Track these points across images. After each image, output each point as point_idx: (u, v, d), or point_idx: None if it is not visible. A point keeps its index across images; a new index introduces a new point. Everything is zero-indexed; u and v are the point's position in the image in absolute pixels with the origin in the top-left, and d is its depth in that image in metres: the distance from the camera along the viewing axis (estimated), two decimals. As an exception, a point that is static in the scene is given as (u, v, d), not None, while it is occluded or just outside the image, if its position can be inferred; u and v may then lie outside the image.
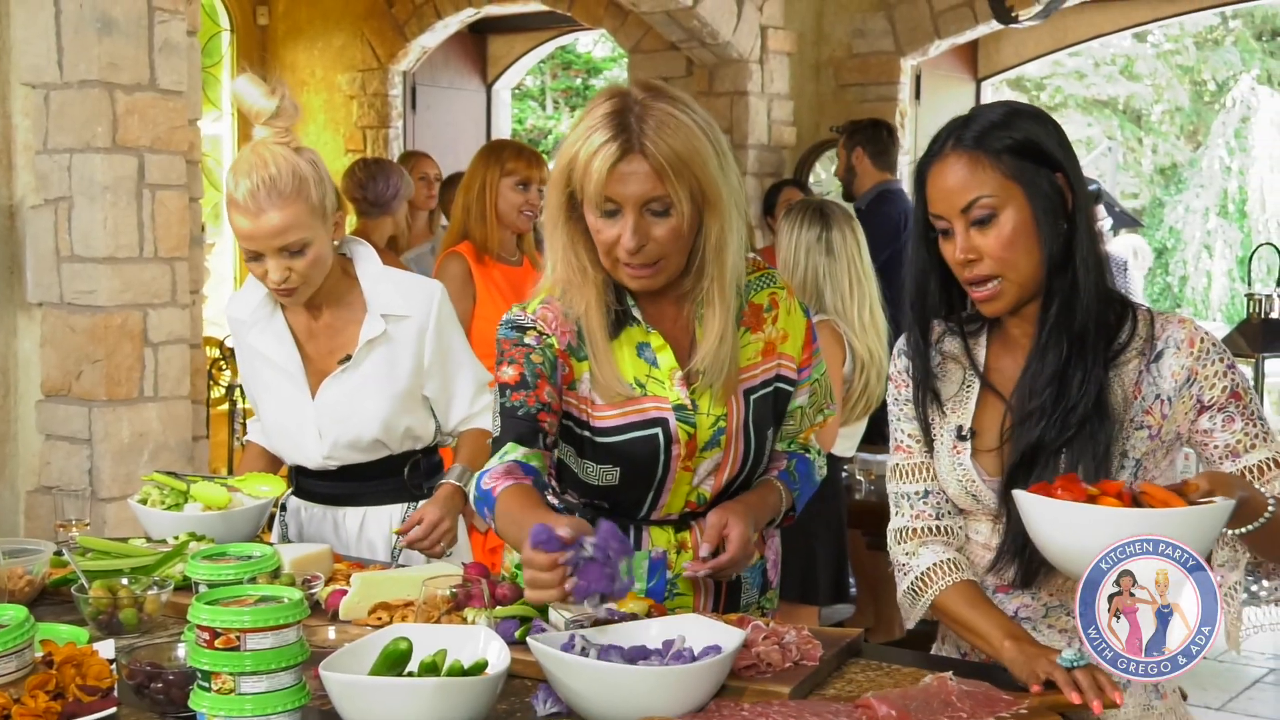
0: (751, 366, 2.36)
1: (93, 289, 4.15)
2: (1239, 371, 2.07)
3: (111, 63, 4.12)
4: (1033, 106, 2.14)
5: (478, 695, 1.71)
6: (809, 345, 2.43)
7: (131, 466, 4.17)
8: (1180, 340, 2.05)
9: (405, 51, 8.90)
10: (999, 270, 2.03)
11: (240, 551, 2.29)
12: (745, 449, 2.35)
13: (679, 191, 2.17)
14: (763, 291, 2.39)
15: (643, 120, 2.16)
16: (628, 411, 2.31)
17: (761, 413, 2.37)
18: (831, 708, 1.76)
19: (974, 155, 2.02)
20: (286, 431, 2.89)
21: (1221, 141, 18.92)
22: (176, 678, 1.82)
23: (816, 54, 7.74)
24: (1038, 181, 2.01)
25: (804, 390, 2.44)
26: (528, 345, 2.31)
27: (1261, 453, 2.04)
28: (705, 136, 2.20)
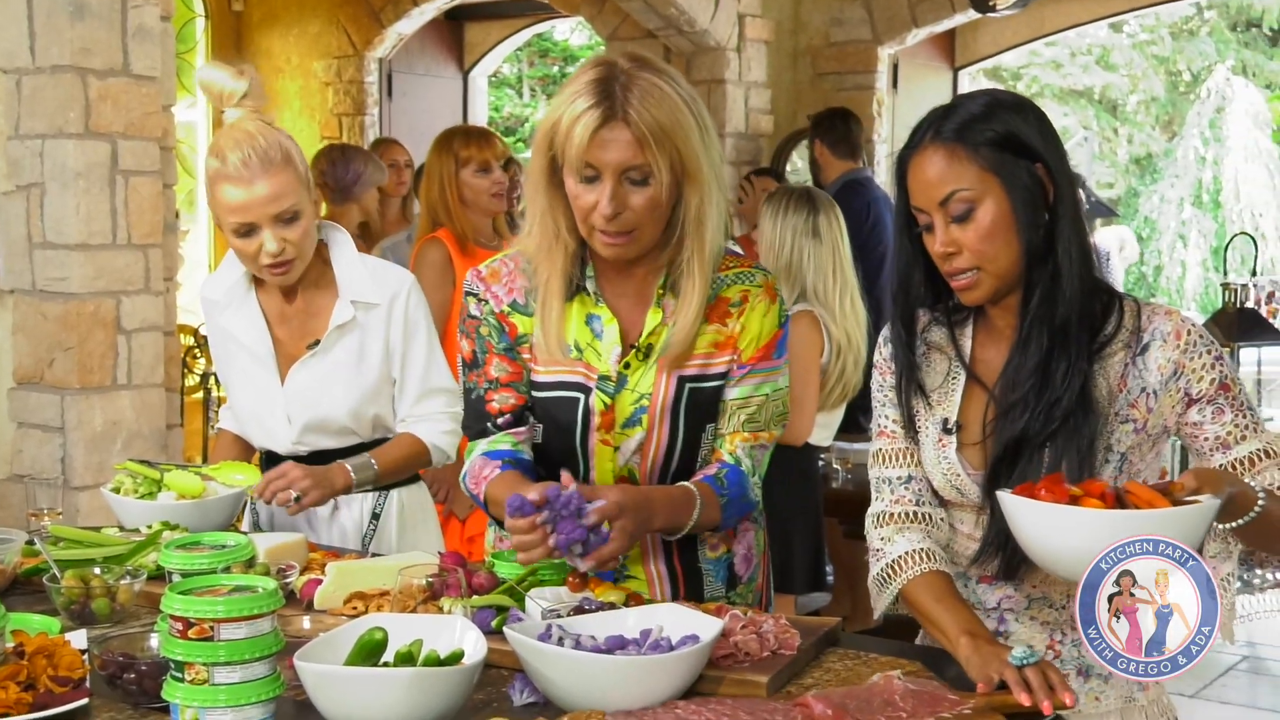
0: (698, 356, 2.33)
1: (65, 276, 4.12)
2: (1227, 362, 2.06)
3: (84, 48, 4.08)
4: (1015, 96, 2.11)
5: (454, 685, 1.70)
6: (766, 348, 2.35)
7: (104, 455, 4.14)
8: (1167, 332, 2.03)
9: (381, 38, 8.86)
10: (977, 262, 2.02)
11: (214, 541, 2.27)
12: (672, 434, 2.33)
13: (659, 161, 2.17)
14: (736, 287, 2.35)
15: (627, 89, 2.16)
16: (558, 371, 2.34)
17: (700, 403, 2.34)
18: (769, 706, 1.75)
19: (951, 148, 2.01)
20: (256, 415, 2.88)
21: (1196, 132, 19.00)
22: (149, 668, 1.81)
23: (794, 42, 7.74)
24: (1016, 173, 2.00)
25: (737, 386, 2.34)
26: (475, 317, 2.39)
27: (1252, 444, 2.02)
28: (689, 109, 2.20)
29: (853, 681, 1.89)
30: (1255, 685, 5.53)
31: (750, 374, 2.35)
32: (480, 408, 2.38)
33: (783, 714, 1.72)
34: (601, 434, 2.32)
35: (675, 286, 2.30)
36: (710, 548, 2.41)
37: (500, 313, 2.37)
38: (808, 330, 4.06)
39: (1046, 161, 2.02)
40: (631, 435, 2.33)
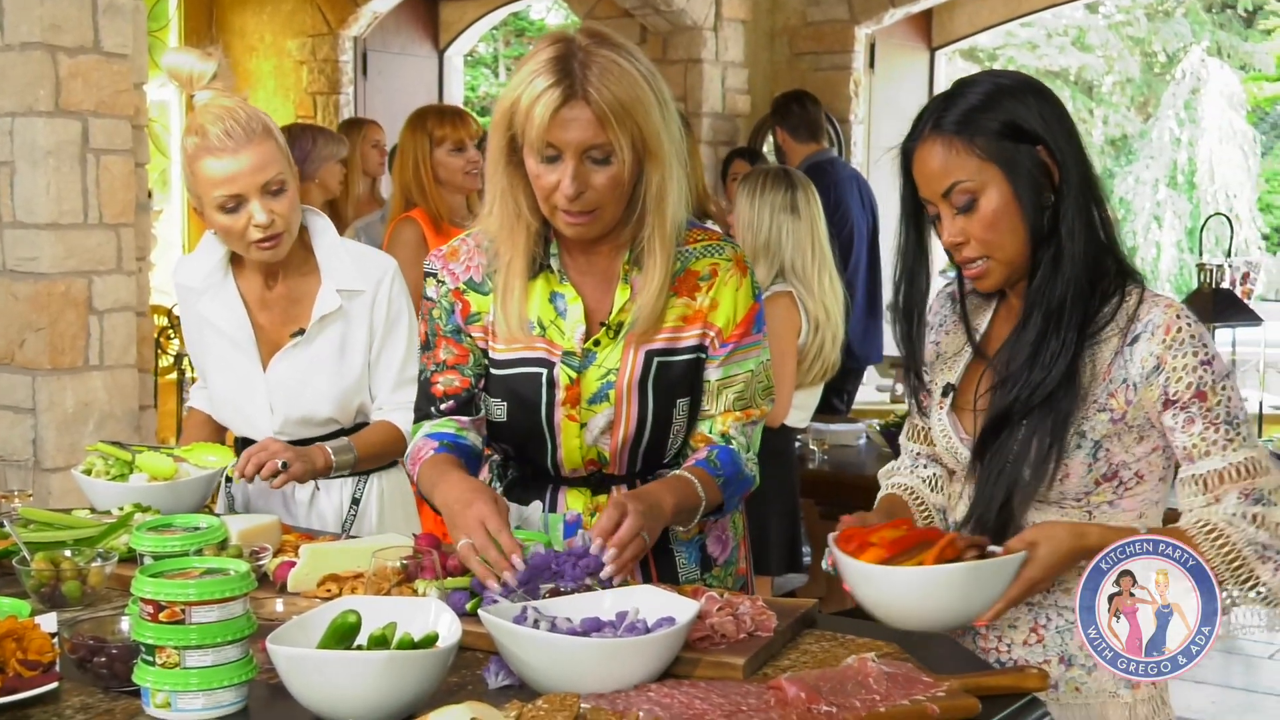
0: (665, 329, 2.31)
1: (35, 256, 4.08)
2: (1214, 367, 1.98)
3: (54, 24, 4.04)
4: (1018, 78, 2.09)
5: (428, 668, 1.69)
6: (744, 325, 2.34)
7: (76, 436, 4.11)
8: (1157, 325, 1.99)
9: (356, 17, 8.80)
10: (984, 251, 2.04)
11: (186, 523, 2.25)
12: (641, 410, 2.32)
13: (620, 140, 2.15)
14: (705, 260, 2.33)
15: (586, 67, 2.14)
16: (518, 348, 2.33)
17: (669, 378, 2.32)
18: (742, 689, 1.74)
19: (949, 139, 2.02)
20: (236, 404, 2.85)
21: (1171, 113, 19.05)
22: (120, 652, 1.79)
23: (771, 22, 7.72)
24: (1018, 160, 2.00)
25: (718, 365, 2.34)
26: (430, 299, 2.39)
27: (1216, 461, 1.96)
28: (648, 85, 2.18)
29: (829, 663, 1.88)
30: (1229, 665, 5.57)
31: (734, 351, 2.34)
32: (427, 390, 2.39)
33: (756, 696, 1.71)
34: (567, 409, 2.31)
35: (640, 262, 2.29)
36: (682, 529, 2.38)
37: (455, 289, 2.36)
38: (785, 310, 4.06)
39: (1048, 143, 2.01)
40: (599, 411, 2.31)
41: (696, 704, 1.67)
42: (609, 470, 2.36)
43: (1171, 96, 19.20)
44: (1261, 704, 5.12)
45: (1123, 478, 2.04)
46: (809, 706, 1.67)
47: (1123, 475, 2.04)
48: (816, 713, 1.67)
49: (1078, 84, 20.16)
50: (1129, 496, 2.06)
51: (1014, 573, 1.89)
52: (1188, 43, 19.35)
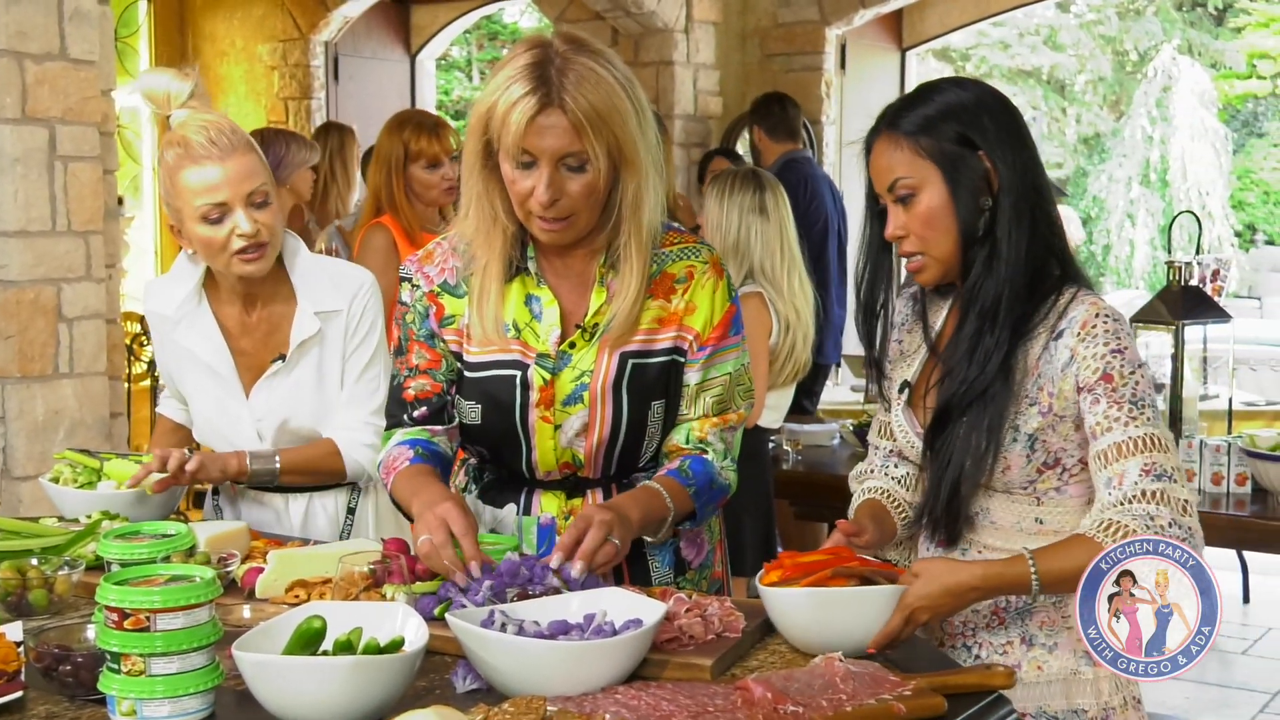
0: (640, 332, 2.31)
1: (4, 264, 4.06)
2: (1124, 355, 2.05)
3: (20, 31, 4.02)
4: (979, 89, 2.17)
5: (394, 673, 1.68)
6: (722, 327, 2.34)
7: (46, 444, 4.09)
8: (1077, 320, 2.07)
9: (327, 21, 8.77)
10: (920, 247, 2.14)
11: (154, 530, 2.24)
12: (615, 412, 2.31)
13: (596, 148, 2.15)
14: (681, 263, 2.34)
15: (563, 74, 2.14)
16: (493, 350, 2.32)
17: (643, 380, 2.32)
18: (709, 690, 1.74)
19: (896, 137, 2.13)
20: (218, 430, 2.81)
21: (1143, 111, 19.12)
22: (86, 659, 1.79)
23: (742, 24, 7.73)
24: (958, 163, 2.10)
25: (697, 369, 2.34)
26: (405, 304, 2.39)
27: (1115, 435, 2.02)
28: (625, 93, 2.18)
29: (797, 664, 1.89)
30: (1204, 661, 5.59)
31: (713, 354, 2.34)
32: (399, 395, 2.38)
33: (723, 697, 1.72)
34: (541, 410, 2.30)
35: (616, 266, 2.30)
36: (650, 538, 2.37)
37: (430, 292, 2.36)
38: (756, 311, 4.07)
39: (990, 152, 2.10)
40: (573, 413, 2.31)
41: (663, 705, 1.68)
42: (584, 473, 2.36)
43: (1143, 95, 19.28)
44: (1235, 699, 5.15)
45: (1065, 464, 2.12)
46: (775, 707, 1.68)
47: (1065, 462, 2.12)
48: (783, 713, 1.67)
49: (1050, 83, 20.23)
50: (1074, 483, 2.13)
51: (891, 603, 1.93)
52: (1159, 41, 19.44)
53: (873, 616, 1.92)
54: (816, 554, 2.04)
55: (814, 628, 1.94)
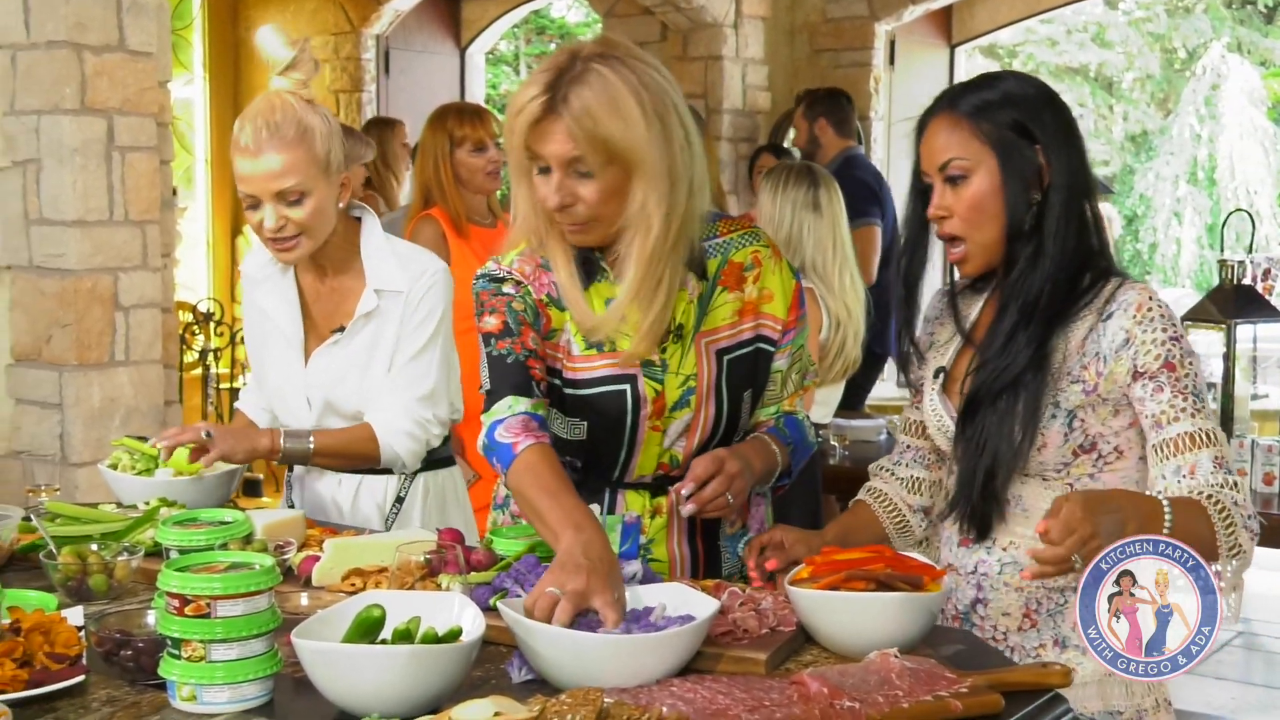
0: (725, 326, 2.31)
1: (62, 252, 4.09)
2: (1182, 344, 2.06)
3: (79, 23, 4.05)
4: (1036, 85, 2.17)
5: (452, 663, 1.68)
6: (795, 308, 2.37)
7: (103, 431, 4.12)
8: (1130, 303, 2.07)
9: (378, 15, 8.80)
10: (963, 232, 2.13)
11: (212, 517, 2.26)
12: (717, 410, 2.31)
13: (594, 155, 2.11)
14: (745, 250, 2.33)
15: (576, 80, 2.11)
16: (598, 365, 2.28)
17: (738, 374, 2.32)
18: (764, 684, 1.73)
19: (957, 118, 2.13)
20: (281, 392, 2.85)
21: (1191, 109, 18.94)
22: (146, 645, 1.79)
23: (791, 19, 7.69)
24: (1013, 152, 2.09)
25: (785, 354, 2.38)
26: (507, 294, 2.28)
27: (1184, 425, 2.02)
28: (635, 99, 2.12)
29: (850, 659, 1.88)
30: (1249, 661, 5.54)
31: (795, 337, 2.39)
32: (524, 372, 2.23)
33: (779, 692, 1.71)
34: (652, 420, 2.28)
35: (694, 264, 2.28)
36: (729, 524, 2.39)
37: (540, 300, 2.29)
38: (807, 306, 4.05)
39: (1046, 147, 2.10)
40: (679, 417, 2.30)
41: (720, 699, 1.67)
42: (677, 473, 2.33)
43: (1192, 93, 19.09)
44: (1282, 700, 5.10)
45: (1101, 450, 2.11)
46: (832, 702, 1.66)
47: (1101, 448, 2.10)
48: (840, 708, 1.66)
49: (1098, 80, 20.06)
50: (1108, 471, 2.11)
51: (897, 611, 1.90)
52: (1208, 39, 19.24)
53: (879, 623, 1.89)
54: (853, 552, 2.04)
55: (824, 629, 1.95)
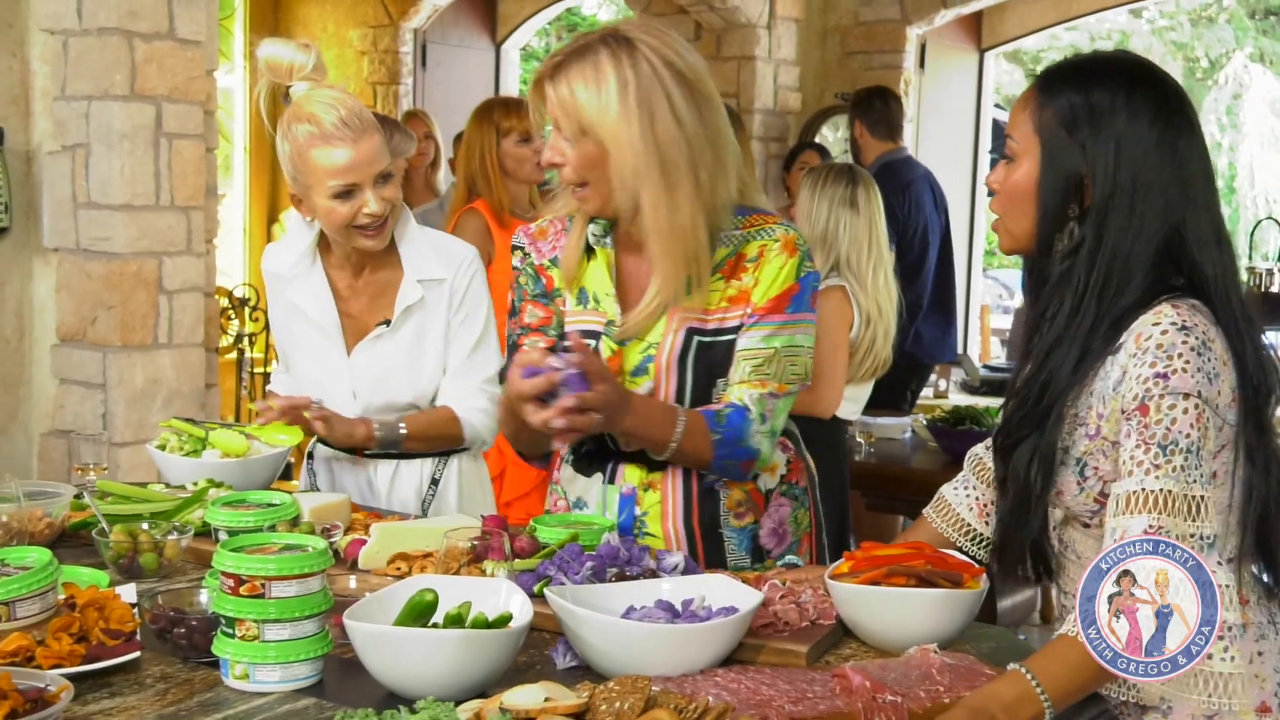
0: (710, 310, 2.30)
1: (108, 236, 4.11)
2: (1169, 381, 1.75)
3: (131, 11, 4.06)
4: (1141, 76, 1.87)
5: (501, 648, 1.68)
6: (778, 300, 2.28)
7: (145, 412, 4.14)
8: (1134, 332, 1.80)
9: (417, 9, 8.80)
10: (1000, 211, 1.94)
11: (260, 499, 2.26)
12: (680, 386, 2.31)
13: (567, 124, 2.22)
14: (755, 243, 2.31)
15: (575, 54, 2.21)
16: (578, 320, 2.37)
17: (707, 357, 2.31)
18: (807, 676, 1.72)
19: (1031, 95, 1.89)
20: (321, 386, 2.83)
21: (1213, 118, 18.82)
22: (200, 623, 1.80)
23: (823, 21, 7.67)
24: (1059, 153, 1.84)
25: (744, 335, 2.29)
26: (517, 268, 2.46)
27: (1133, 482, 1.75)
28: (617, 84, 2.18)
29: (890, 654, 1.87)
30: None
31: (758, 324, 2.29)
32: (514, 354, 2.33)
33: (821, 684, 1.70)
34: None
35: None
36: (735, 516, 2.38)
37: (540, 265, 2.41)
38: (838, 304, 4.05)
39: (1094, 161, 1.83)
40: (639, 384, 2.31)
41: (763, 689, 1.66)
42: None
43: (1214, 101, 18.97)
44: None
45: None
46: (874, 695, 1.66)
47: None
48: (882, 702, 1.65)
49: (1120, 87, 19.95)
50: None
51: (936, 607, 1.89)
52: (1231, 48, 19.12)
53: (919, 618, 1.89)
54: (893, 547, 2.02)
55: (864, 623, 1.94)
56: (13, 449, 4.32)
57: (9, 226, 4.24)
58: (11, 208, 4.23)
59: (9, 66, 4.22)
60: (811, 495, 2.52)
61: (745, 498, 2.39)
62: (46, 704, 1.46)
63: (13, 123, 4.23)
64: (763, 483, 2.41)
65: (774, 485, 2.43)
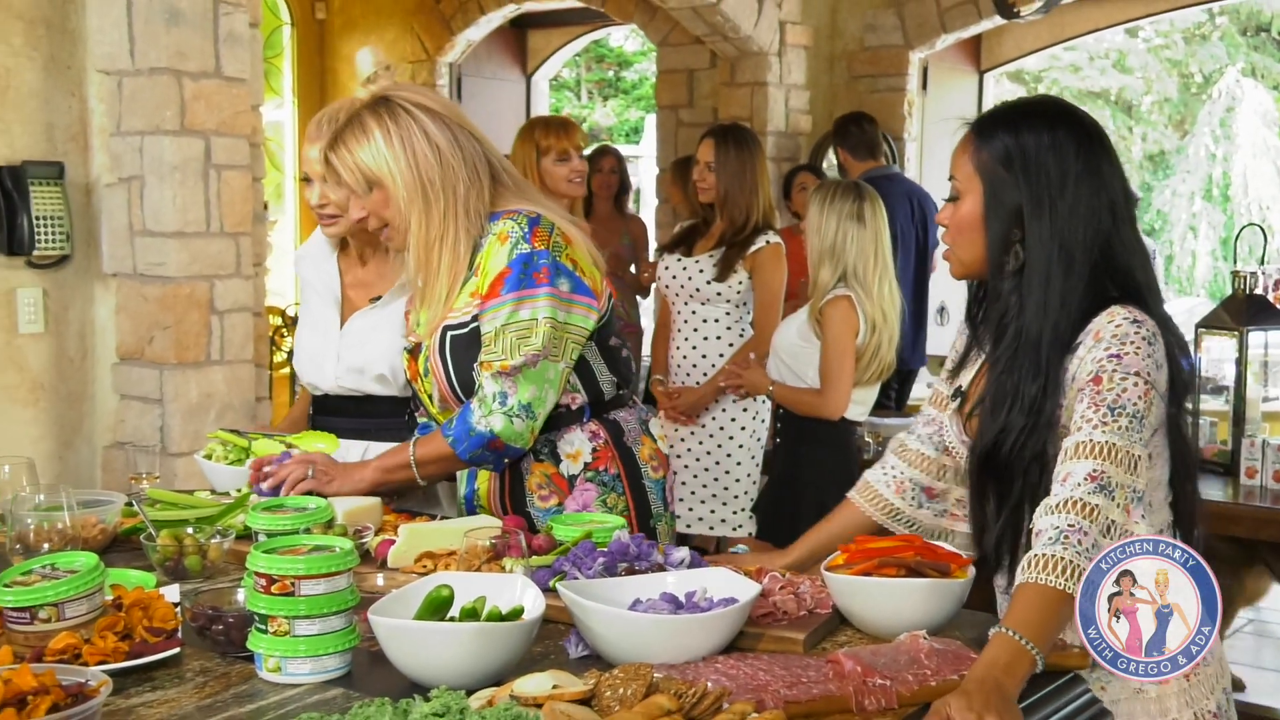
0: (457, 309, 2.50)
1: (163, 261, 4.13)
2: (1122, 361, 1.86)
3: (179, 52, 4.09)
4: (1063, 120, 2.01)
5: (514, 639, 1.69)
6: (496, 285, 2.45)
7: (199, 425, 4.16)
8: (1090, 331, 1.91)
9: (451, 44, 8.84)
10: (950, 242, 2.06)
11: (296, 503, 2.27)
12: (446, 374, 2.53)
13: (359, 184, 2.49)
14: (489, 237, 2.49)
15: (344, 129, 2.50)
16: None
17: (459, 345, 2.51)
18: (802, 661, 1.72)
19: (969, 139, 2.04)
20: (311, 352, 2.95)
21: (1207, 130, 18.67)
22: (236, 620, 1.81)
23: (831, 47, 7.66)
24: (998, 187, 1.97)
25: (482, 321, 2.48)
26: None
27: (1082, 435, 1.83)
28: (380, 132, 2.45)
29: (882, 641, 1.87)
30: (1260, 647, 5.45)
31: (483, 310, 2.47)
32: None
33: (815, 669, 1.70)
34: (420, 380, 2.61)
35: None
36: (540, 498, 2.55)
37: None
38: (846, 313, 4.05)
39: (1032, 194, 1.95)
40: (429, 385, 2.58)
41: (760, 675, 1.66)
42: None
43: (1207, 115, 18.83)
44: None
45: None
46: (865, 679, 1.66)
47: None
48: (871, 685, 1.65)
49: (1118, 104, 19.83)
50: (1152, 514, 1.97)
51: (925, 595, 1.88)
52: (1223, 64, 18.97)
53: (909, 606, 1.89)
54: (885, 540, 2.02)
55: (857, 611, 1.94)
56: (78, 461, 4.36)
57: (71, 254, 4.28)
58: (73, 237, 4.27)
59: (68, 105, 4.26)
60: (627, 482, 2.57)
61: (547, 481, 2.54)
62: (87, 698, 1.48)
63: (73, 157, 4.28)
64: (565, 468, 2.54)
65: (577, 471, 2.55)
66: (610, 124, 18.78)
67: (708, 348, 4.78)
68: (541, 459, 2.55)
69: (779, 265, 4.70)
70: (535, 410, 2.46)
